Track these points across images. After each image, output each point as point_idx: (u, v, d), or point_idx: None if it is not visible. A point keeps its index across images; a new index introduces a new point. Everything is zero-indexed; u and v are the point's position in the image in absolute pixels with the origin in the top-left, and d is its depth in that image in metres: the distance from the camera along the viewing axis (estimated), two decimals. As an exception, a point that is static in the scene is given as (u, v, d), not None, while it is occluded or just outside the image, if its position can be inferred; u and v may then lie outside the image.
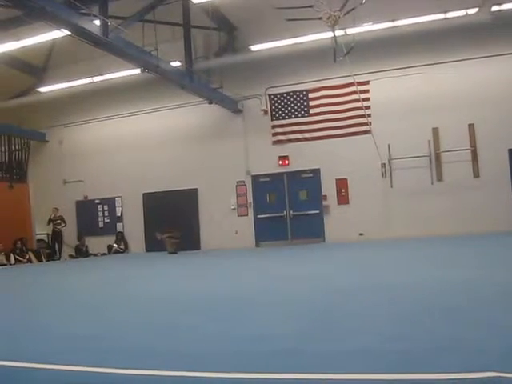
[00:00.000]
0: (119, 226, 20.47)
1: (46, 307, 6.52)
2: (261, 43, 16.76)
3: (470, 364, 2.73)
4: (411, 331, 3.66)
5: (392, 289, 5.86)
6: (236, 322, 4.53)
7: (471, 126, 16.27)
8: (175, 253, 17.34)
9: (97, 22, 12.29)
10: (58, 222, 19.33)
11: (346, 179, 17.54)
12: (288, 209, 18.26)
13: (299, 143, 18.07)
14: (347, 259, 11.29)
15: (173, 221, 18.71)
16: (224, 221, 18.66)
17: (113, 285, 9.10)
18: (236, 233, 18.46)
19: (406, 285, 6.09)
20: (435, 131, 16.66)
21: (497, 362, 2.70)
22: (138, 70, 15.75)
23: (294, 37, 15.94)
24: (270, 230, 18.27)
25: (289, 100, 18.19)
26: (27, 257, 18.05)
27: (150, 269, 12.69)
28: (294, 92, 18.14)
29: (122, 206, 20.39)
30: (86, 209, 21.03)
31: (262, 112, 18.43)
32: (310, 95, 17.94)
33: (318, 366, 2.92)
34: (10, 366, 3.37)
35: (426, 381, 2.53)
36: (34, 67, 20.47)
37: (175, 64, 16.25)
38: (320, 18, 11.59)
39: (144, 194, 19.83)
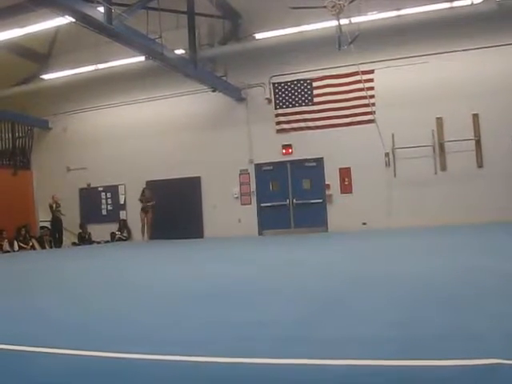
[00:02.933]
0: (122, 214, 20.51)
1: (46, 293, 6.55)
2: (265, 31, 16.72)
3: (472, 351, 2.75)
4: (414, 319, 3.68)
5: (395, 277, 5.88)
6: (237, 309, 4.55)
7: (475, 116, 16.22)
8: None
9: (101, 9, 12.25)
10: (59, 209, 19.30)
11: (349, 168, 17.53)
12: (291, 197, 18.27)
13: (303, 132, 18.05)
14: (350, 248, 11.30)
15: (176, 209, 18.82)
16: (227, 209, 18.69)
17: (112, 272, 9.13)
18: (239, 221, 18.49)
19: (409, 273, 6.10)
20: (439, 121, 16.63)
21: (498, 350, 2.71)
22: (142, 58, 15.78)
23: (299, 25, 15.89)
24: (272, 219, 18.29)
25: (293, 89, 18.15)
26: (30, 244, 18.11)
27: (150, 257, 12.72)
28: (298, 81, 18.09)
29: (125, 194, 20.42)
30: (89, 196, 21.07)
31: (266, 100, 18.41)
32: (314, 84, 17.90)
33: (321, 352, 2.94)
34: (9, 350, 3.41)
35: (427, 367, 2.55)
36: (38, 54, 20.44)
37: (179, 52, 16.19)
38: (324, 7, 11.55)
39: (147, 182, 19.83)
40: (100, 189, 20.96)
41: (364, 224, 17.02)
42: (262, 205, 18.52)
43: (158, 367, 2.88)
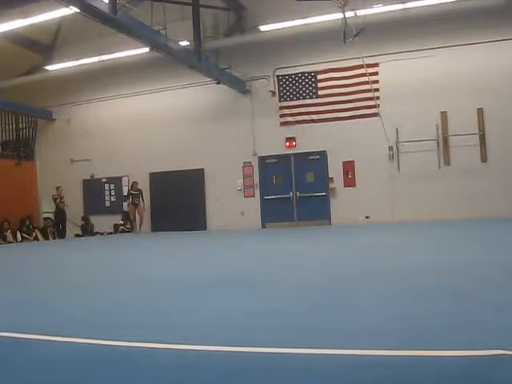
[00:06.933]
0: (125, 206, 20.50)
1: (48, 283, 6.57)
2: (270, 24, 16.65)
3: (476, 342, 2.75)
4: (418, 311, 3.68)
5: (399, 270, 5.88)
6: (243, 300, 4.55)
7: (480, 111, 16.17)
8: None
9: (105, 0, 12.23)
10: (63, 200, 19.31)
11: (353, 162, 17.51)
12: (294, 190, 18.26)
13: (307, 125, 18.02)
14: (354, 241, 11.29)
15: (179, 201, 18.89)
16: (230, 201, 18.69)
17: (116, 263, 9.14)
18: (242, 214, 18.48)
19: (413, 267, 6.10)
20: (443, 115, 16.58)
21: (502, 341, 2.71)
22: (146, 49, 15.71)
23: (304, 17, 15.84)
24: (276, 212, 18.29)
25: (297, 81, 18.10)
26: (34, 235, 18.14)
27: (153, 249, 12.72)
28: (303, 73, 18.05)
29: (128, 186, 20.38)
30: (92, 188, 21.10)
31: (270, 93, 18.37)
32: (319, 77, 17.85)
33: (328, 342, 2.94)
34: (13, 337, 3.43)
35: (432, 357, 2.55)
36: (42, 45, 20.42)
37: (184, 43, 16.18)
38: (330, -1, 11.53)
39: (151, 174, 19.85)
40: (103, 180, 20.98)
41: (367, 217, 17.02)
42: (266, 197, 18.52)
43: (164, 356, 2.88)
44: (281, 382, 2.40)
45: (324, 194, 17.87)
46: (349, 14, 12.58)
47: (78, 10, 12.26)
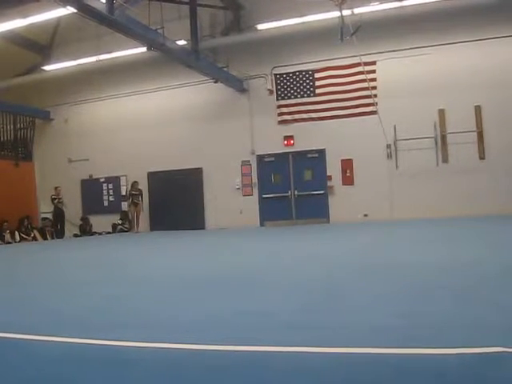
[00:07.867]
0: (124, 205, 20.49)
1: (44, 282, 6.58)
2: (267, 22, 16.62)
3: (476, 340, 2.76)
4: (417, 308, 3.69)
5: (398, 268, 5.90)
6: (240, 298, 4.57)
7: (478, 108, 16.18)
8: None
9: (103, 0, 12.21)
10: (62, 200, 19.30)
11: (351, 160, 17.50)
12: (293, 189, 18.26)
13: (305, 123, 18.01)
14: (353, 239, 11.31)
15: (177, 200, 18.90)
16: (229, 200, 18.68)
17: (113, 262, 9.15)
18: (241, 212, 18.48)
19: (411, 264, 6.12)
20: (441, 112, 16.59)
21: (501, 338, 2.73)
22: (143, 49, 15.70)
23: (301, 16, 15.82)
24: (274, 210, 18.29)
25: (295, 80, 18.10)
26: (32, 235, 18.13)
27: (151, 248, 12.73)
28: (300, 72, 18.04)
29: (126, 185, 20.37)
30: (91, 187, 21.07)
31: (268, 91, 18.36)
32: (316, 75, 17.84)
33: (325, 340, 2.95)
34: (9, 338, 3.45)
35: (431, 355, 2.56)
36: (40, 45, 20.39)
37: (181, 42, 16.17)
38: (327, -3, 11.53)
39: (149, 173, 19.84)
40: (102, 180, 20.96)
41: (365, 216, 17.01)
42: (264, 196, 18.51)
43: (157, 355, 2.89)
44: (281, 380, 2.41)
45: (322, 192, 17.87)
46: (346, 12, 12.57)
47: (76, 10, 12.25)
